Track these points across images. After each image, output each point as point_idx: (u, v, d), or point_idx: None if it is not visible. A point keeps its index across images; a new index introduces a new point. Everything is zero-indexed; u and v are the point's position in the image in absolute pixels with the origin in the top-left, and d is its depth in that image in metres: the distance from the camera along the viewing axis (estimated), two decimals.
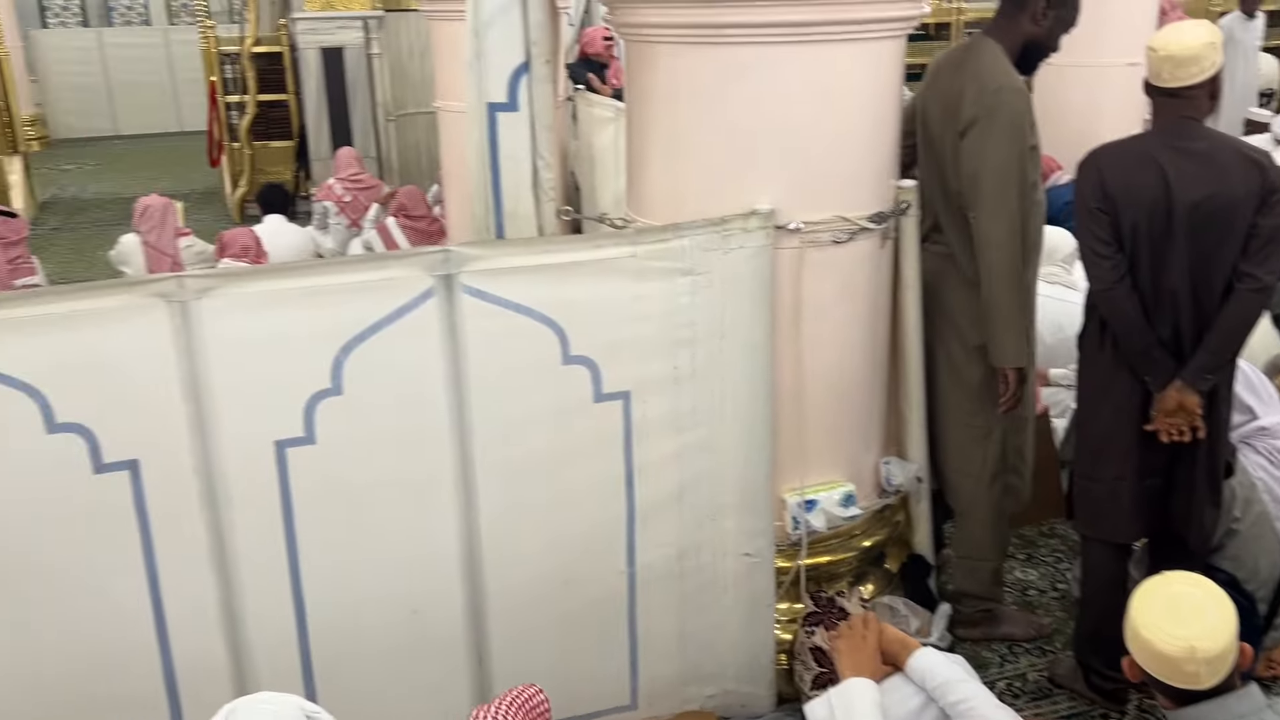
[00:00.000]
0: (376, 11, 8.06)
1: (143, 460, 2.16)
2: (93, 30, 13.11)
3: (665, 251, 2.42)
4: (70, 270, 7.11)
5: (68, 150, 11.94)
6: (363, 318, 2.25)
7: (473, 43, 2.61)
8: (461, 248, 2.30)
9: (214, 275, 2.17)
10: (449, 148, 5.59)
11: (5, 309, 2.04)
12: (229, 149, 8.51)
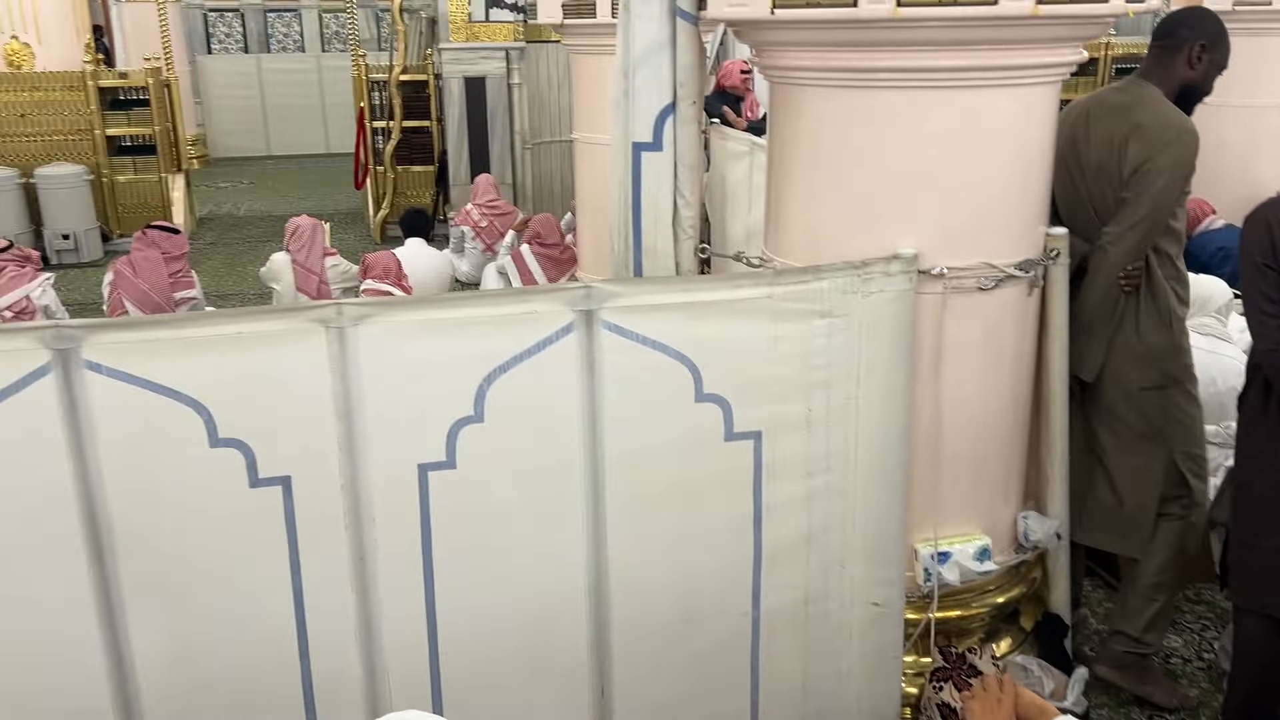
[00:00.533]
0: (518, 43, 8.31)
1: (295, 477, 2.26)
2: (252, 56, 13.90)
3: (803, 293, 2.41)
4: (223, 283, 7.51)
5: (224, 169, 12.66)
6: (506, 349, 2.31)
7: (621, 82, 2.67)
8: (602, 284, 2.34)
9: (370, 304, 2.26)
10: (585, 178, 5.70)
11: (178, 329, 2.18)
12: (373, 172, 8.87)
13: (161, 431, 2.17)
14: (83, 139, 8.16)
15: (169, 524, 2.22)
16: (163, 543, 2.22)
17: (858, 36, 2.31)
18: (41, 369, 2.09)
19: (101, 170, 8.23)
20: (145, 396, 2.15)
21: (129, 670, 2.28)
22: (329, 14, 14.45)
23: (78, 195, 8.02)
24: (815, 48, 2.41)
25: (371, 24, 14.35)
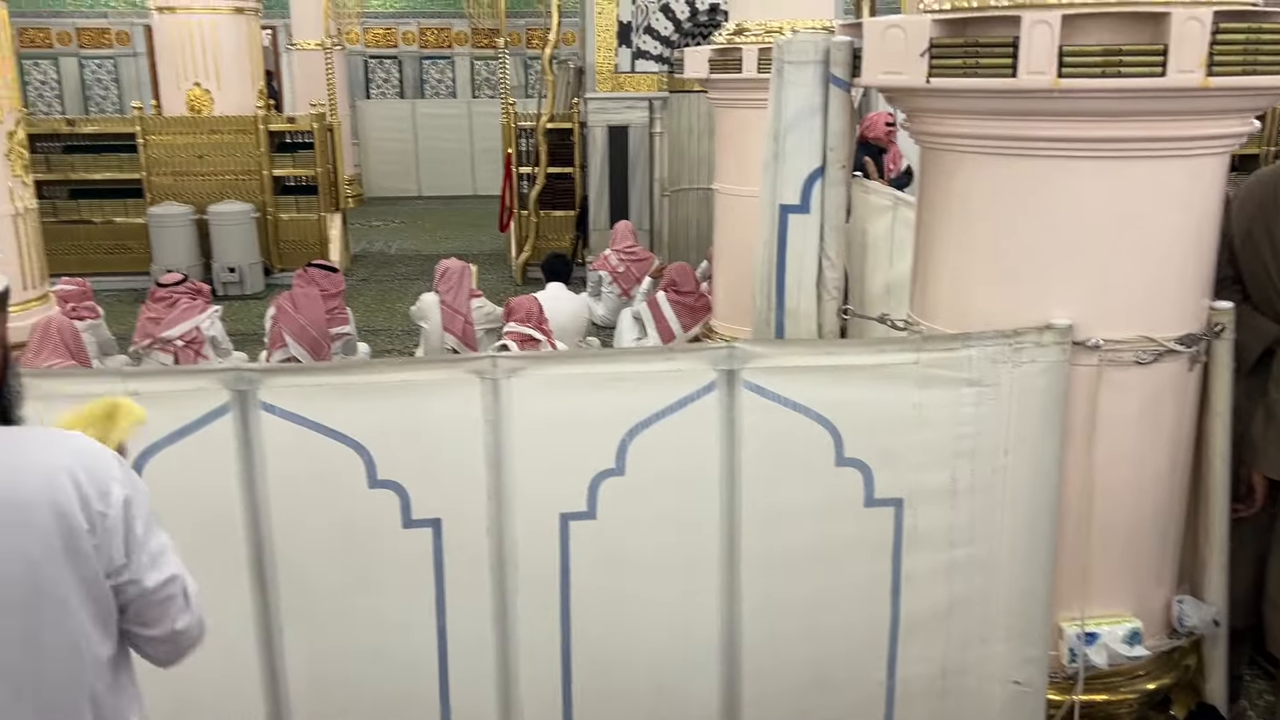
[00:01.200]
0: (662, 93, 8.47)
1: (445, 519, 2.36)
2: (408, 101, 14.60)
3: (951, 360, 2.39)
4: (374, 318, 7.86)
5: (378, 208, 13.28)
6: (649, 405, 2.36)
7: (770, 145, 2.71)
8: (745, 345, 2.37)
9: (522, 357, 2.35)
10: (723, 229, 5.76)
11: (347, 375, 2.31)
12: (517, 216, 9.16)
13: (325, 471, 2.31)
14: (251, 179, 8.72)
15: (327, 558, 2.35)
16: (320, 576, 2.34)
17: (1016, 106, 2.29)
18: (222, 408, 2.25)
19: (267, 208, 8.77)
20: (313, 437, 2.29)
21: (283, 692, 2.40)
22: (480, 61, 15.06)
23: (244, 231, 8.56)
24: (971, 115, 2.40)
25: (520, 71, 14.88)
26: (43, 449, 1.38)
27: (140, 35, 14.42)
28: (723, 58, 5.33)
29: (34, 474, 1.35)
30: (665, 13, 8.32)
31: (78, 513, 1.35)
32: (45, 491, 1.34)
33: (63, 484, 1.35)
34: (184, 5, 8.82)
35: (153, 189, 8.59)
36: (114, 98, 14.80)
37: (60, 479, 1.35)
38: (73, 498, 1.35)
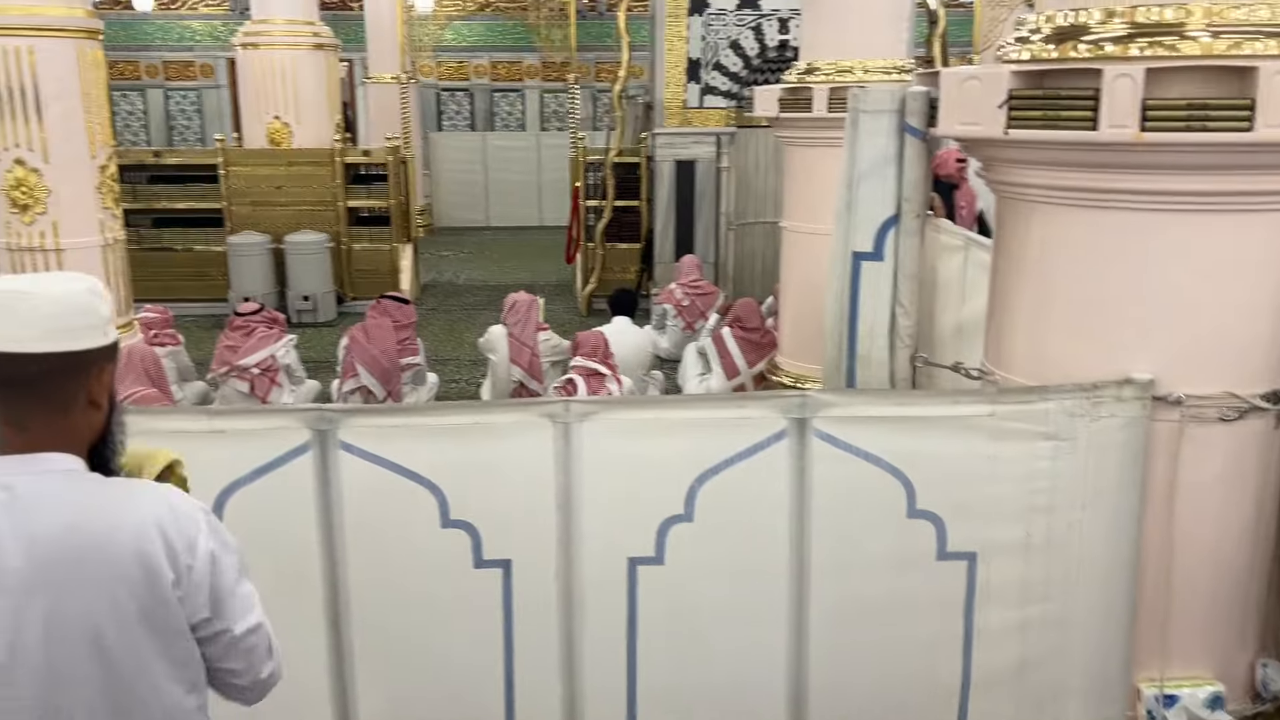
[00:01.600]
0: (730, 128, 8.52)
1: (515, 561, 2.39)
2: (478, 133, 14.87)
3: (1027, 414, 2.36)
4: (442, 348, 7.97)
5: (447, 237, 13.51)
6: (719, 451, 2.37)
7: (844, 193, 2.71)
8: (817, 394, 2.37)
9: (594, 402, 2.38)
10: (790, 266, 5.75)
11: (423, 416, 2.36)
12: (583, 248, 9.25)
13: (400, 510, 2.35)
14: (327, 210, 8.94)
15: (399, 596, 2.39)
16: (392, 615, 2.38)
17: (1097, 158, 2.27)
18: (302, 446, 2.31)
19: (341, 238, 8.97)
20: (389, 477, 2.34)
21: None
22: (549, 94, 15.29)
23: (319, 261, 8.77)
24: (1049, 166, 2.38)
25: (589, 104, 15.07)
26: (132, 500, 1.41)
27: (223, 68, 14.91)
28: (793, 96, 5.35)
29: (123, 526, 1.38)
30: (735, 49, 8.38)
31: (164, 565, 1.38)
32: (133, 542, 1.37)
33: (151, 536, 1.38)
34: (267, 41, 9.11)
35: (232, 218, 8.85)
36: (196, 128, 15.31)
37: (149, 531, 1.38)
38: (159, 550, 1.38)
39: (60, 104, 5.10)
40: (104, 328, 1.44)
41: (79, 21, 5.13)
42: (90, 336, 1.41)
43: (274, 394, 6.04)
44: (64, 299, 1.40)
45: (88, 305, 1.41)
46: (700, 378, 6.12)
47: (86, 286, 1.44)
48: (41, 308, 1.38)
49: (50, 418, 1.40)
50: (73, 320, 1.39)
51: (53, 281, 1.43)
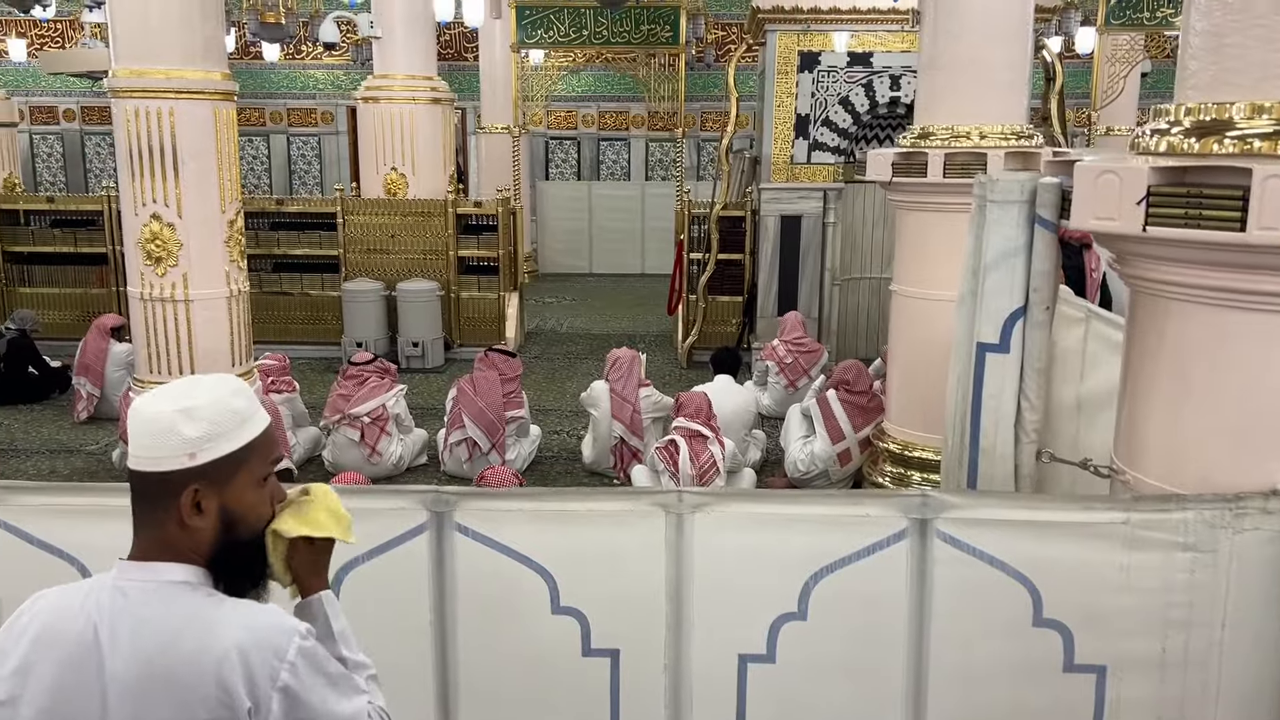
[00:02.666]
0: (837, 184, 8.46)
1: (624, 650, 2.36)
2: (584, 183, 15.12)
3: (1164, 523, 2.24)
4: (544, 397, 8.05)
5: (551, 284, 13.72)
6: (836, 549, 2.31)
7: (968, 281, 2.64)
8: (940, 494, 2.29)
9: (707, 493, 2.35)
10: (899, 330, 5.65)
11: (536, 501, 2.37)
12: (685, 300, 9.26)
13: (511, 594, 2.36)
14: (438, 258, 9.17)
15: (508, 680, 2.39)
16: (501, 700, 2.38)
17: (1244, 259, 2.16)
18: (419, 527, 2.34)
19: (450, 286, 9.18)
20: (502, 560, 2.35)
21: None
22: (654, 143, 15.46)
23: (429, 308, 8.98)
24: (1191, 265, 2.28)
25: (693, 153, 15.19)
26: (221, 626, 1.44)
27: (343, 115, 15.52)
28: (906, 161, 5.29)
29: (209, 649, 1.41)
30: (844, 105, 8.34)
31: (242, 694, 1.41)
32: (215, 668, 1.40)
33: (233, 664, 1.41)
34: (387, 95, 9.45)
35: (348, 265, 9.15)
36: (315, 173, 15.93)
37: (231, 658, 1.41)
38: (239, 679, 1.41)
39: (196, 162, 5.37)
40: (189, 451, 1.46)
41: (216, 84, 5.41)
42: (173, 460, 1.46)
43: (383, 442, 6.19)
44: (149, 422, 1.46)
45: (168, 430, 1.45)
46: (803, 440, 6.03)
47: (185, 406, 1.47)
48: (135, 427, 1.46)
49: (154, 531, 1.49)
50: (153, 443, 1.46)
51: (163, 399, 1.47)
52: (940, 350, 5.06)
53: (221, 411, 1.49)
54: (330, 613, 1.62)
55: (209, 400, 1.48)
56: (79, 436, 7.00)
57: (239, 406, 1.51)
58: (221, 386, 1.51)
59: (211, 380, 1.53)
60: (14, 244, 9.32)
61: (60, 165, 15.97)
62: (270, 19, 10.76)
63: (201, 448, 1.46)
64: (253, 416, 1.53)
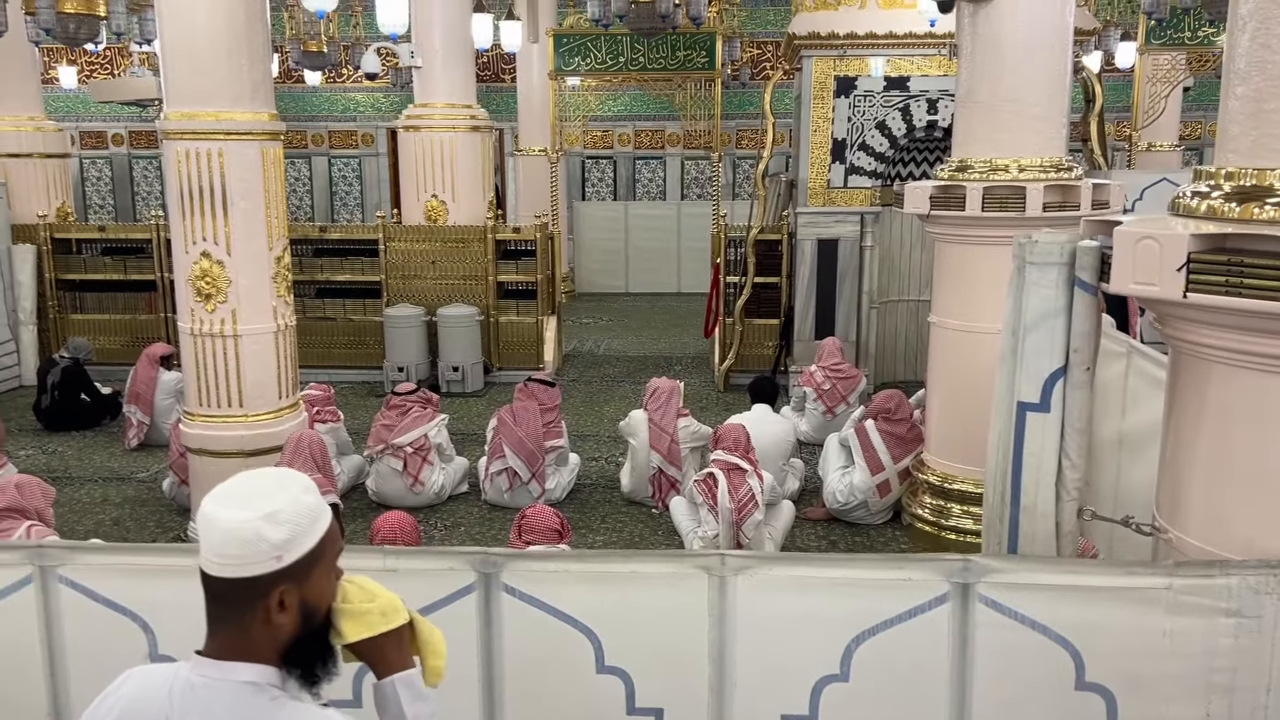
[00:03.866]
0: (874, 208, 8.46)
1: (666, 710, 2.41)
2: (620, 203, 15.20)
3: (1207, 588, 2.25)
4: (582, 423, 8.11)
5: (588, 303, 13.81)
6: (878, 611, 2.34)
7: (1009, 340, 2.66)
8: (982, 559, 2.31)
9: (751, 556, 2.39)
10: (939, 362, 5.65)
11: (581, 563, 2.42)
12: (722, 322, 9.30)
13: (557, 653, 2.41)
14: (477, 283, 9.28)
15: None
16: None
17: None
18: (468, 588, 2.40)
19: (489, 311, 9.29)
20: (547, 620, 2.40)
21: None
22: (690, 161, 15.52)
23: (469, 333, 9.09)
24: (1232, 330, 2.29)
25: (729, 170, 15.23)
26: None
27: (383, 137, 15.75)
28: (944, 194, 5.29)
29: None
30: (881, 130, 8.34)
31: None
32: None
33: None
34: (427, 124, 9.58)
35: (389, 290, 9.28)
36: (356, 193, 16.17)
37: None
38: None
39: (244, 201, 5.49)
40: (276, 554, 1.52)
41: (263, 125, 5.53)
42: (261, 565, 1.51)
43: (425, 472, 6.28)
44: (233, 532, 1.50)
45: (255, 538, 1.50)
46: (842, 471, 6.04)
47: (268, 512, 1.52)
48: (214, 537, 1.51)
49: (232, 631, 1.54)
50: (240, 551, 1.50)
51: (240, 504, 1.52)
52: (981, 382, 5.06)
53: (300, 512, 1.54)
54: (405, 697, 1.67)
55: (288, 502, 1.53)
56: (130, 464, 7.17)
57: (312, 503, 1.56)
58: (293, 485, 1.57)
59: (279, 479, 1.59)
60: (67, 272, 9.55)
61: (109, 189, 16.34)
62: (313, 47, 10.99)
63: (287, 550, 1.52)
64: (323, 511, 1.58)
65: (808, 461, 6.81)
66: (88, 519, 6.08)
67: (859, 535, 5.81)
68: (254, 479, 1.59)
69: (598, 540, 5.76)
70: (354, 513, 6.10)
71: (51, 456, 7.32)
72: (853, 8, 8.13)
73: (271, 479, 1.59)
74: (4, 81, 9.43)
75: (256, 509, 1.51)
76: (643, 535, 5.85)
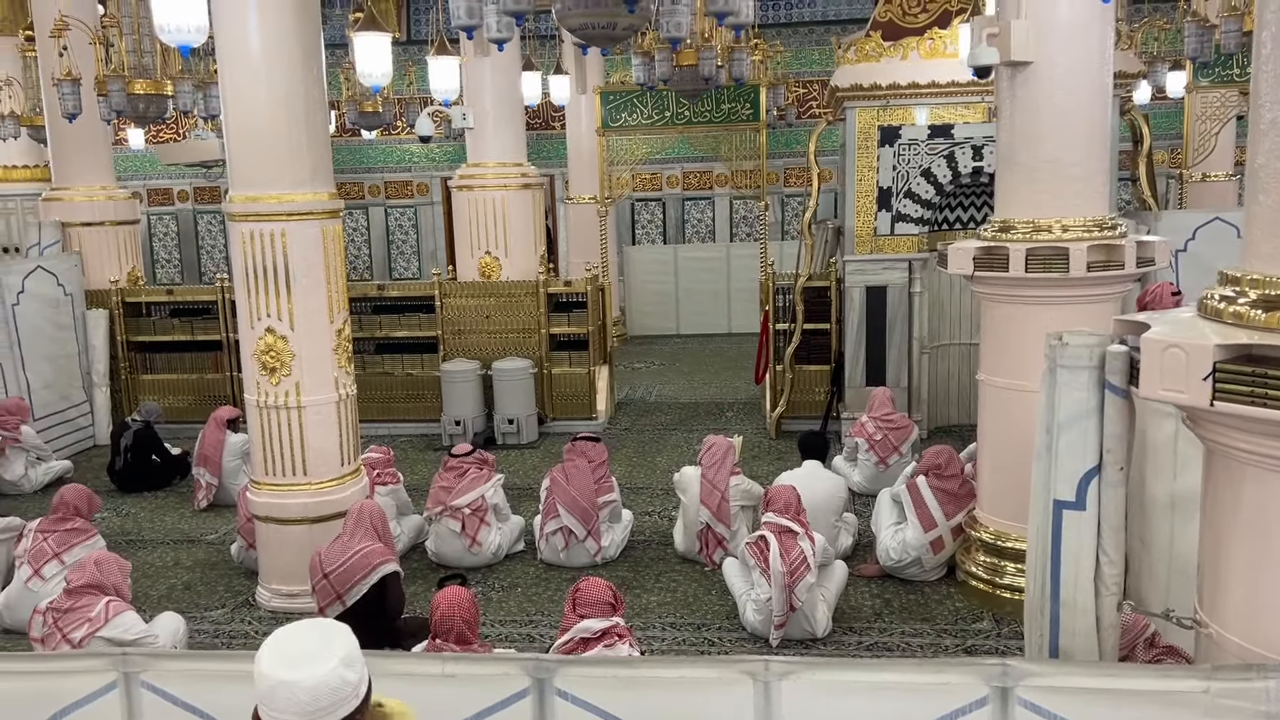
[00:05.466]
0: (922, 254, 8.49)
1: None
2: (670, 246, 15.36)
3: (1245, 691, 2.28)
4: (635, 474, 8.22)
5: (639, 347, 13.96)
6: (921, 715, 2.40)
7: (1043, 437, 2.72)
8: (1020, 663, 2.37)
9: (793, 662, 2.47)
10: (988, 419, 5.67)
11: (631, 669, 2.52)
12: (772, 369, 9.36)
13: None
14: (530, 336, 9.48)
15: None
16: None
17: None
18: (522, 692, 2.52)
19: (543, 363, 9.47)
20: None
21: None
22: (738, 200, 15.64)
23: (523, 386, 9.27)
24: (1261, 435, 2.33)
25: (777, 209, 15.31)
26: None
27: (437, 186, 16.12)
28: (988, 255, 5.34)
29: None
30: (926, 177, 8.39)
31: None
32: None
33: None
34: (480, 183, 9.84)
35: (445, 345, 9.51)
36: (412, 242, 16.55)
37: None
38: None
39: (306, 278, 5.72)
40: (356, 691, 1.68)
41: (323, 204, 5.77)
42: (348, 706, 1.67)
43: (483, 532, 6.43)
44: (321, 684, 1.66)
45: (340, 684, 1.66)
46: (895, 528, 6.06)
47: (340, 658, 1.67)
48: (300, 696, 1.65)
49: None
50: (328, 701, 1.65)
51: (310, 661, 1.67)
52: (1031, 439, 5.07)
53: (356, 651, 1.71)
54: None
55: (348, 646, 1.70)
56: (199, 525, 7.43)
57: (356, 646, 1.71)
58: (336, 633, 1.73)
59: (318, 629, 1.74)
60: (137, 334, 9.93)
61: (175, 244, 16.92)
62: (368, 108, 11.34)
63: (360, 688, 1.69)
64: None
65: (861, 514, 6.84)
66: (160, 583, 6.33)
67: (913, 593, 5.83)
68: (294, 636, 1.74)
69: (652, 601, 5.85)
70: (413, 574, 6.26)
71: (126, 519, 7.61)
72: (894, 59, 8.21)
73: (310, 631, 1.75)
74: (79, 154, 9.89)
75: (331, 658, 1.67)
76: (696, 595, 5.92)
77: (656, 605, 5.78)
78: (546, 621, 5.58)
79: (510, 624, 5.61)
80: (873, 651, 5.11)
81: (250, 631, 5.55)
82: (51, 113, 9.52)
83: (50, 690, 2.69)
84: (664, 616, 5.63)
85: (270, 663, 1.67)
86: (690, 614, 5.66)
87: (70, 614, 4.57)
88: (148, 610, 5.46)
